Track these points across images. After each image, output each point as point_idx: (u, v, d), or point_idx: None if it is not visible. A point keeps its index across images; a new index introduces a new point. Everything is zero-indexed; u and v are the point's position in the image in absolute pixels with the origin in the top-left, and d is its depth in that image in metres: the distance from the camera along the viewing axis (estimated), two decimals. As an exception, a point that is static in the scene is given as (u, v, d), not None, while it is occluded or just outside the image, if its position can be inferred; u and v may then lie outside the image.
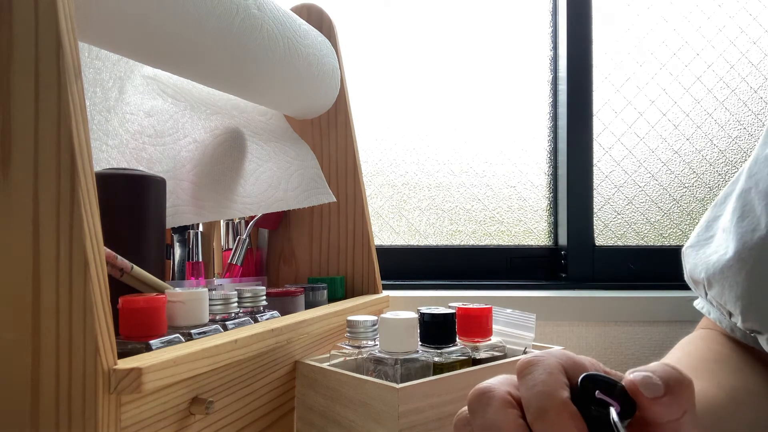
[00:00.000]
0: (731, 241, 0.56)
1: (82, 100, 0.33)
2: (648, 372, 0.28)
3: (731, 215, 0.57)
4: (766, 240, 0.53)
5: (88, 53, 0.54)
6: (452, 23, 1.07)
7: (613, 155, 1.06)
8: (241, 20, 0.53)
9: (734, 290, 0.54)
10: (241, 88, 0.59)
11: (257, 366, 0.47)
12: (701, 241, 0.62)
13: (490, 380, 0.31)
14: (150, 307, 0.39)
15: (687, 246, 0.64)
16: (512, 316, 0.56)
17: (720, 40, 1.06)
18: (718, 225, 0.61)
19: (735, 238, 0.55)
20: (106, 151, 0.55)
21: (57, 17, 0.32)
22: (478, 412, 0.30)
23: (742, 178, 0.58)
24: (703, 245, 0.61)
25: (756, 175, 0.56)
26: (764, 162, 0.56)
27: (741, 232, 0.55)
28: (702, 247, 0.61)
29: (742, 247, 0.54)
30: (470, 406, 0.30)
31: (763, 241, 0.53)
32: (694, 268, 0.61)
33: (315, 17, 0.76)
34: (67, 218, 0.32)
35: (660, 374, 0.28)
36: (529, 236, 1.06)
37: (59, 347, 0.32)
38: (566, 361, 0.30)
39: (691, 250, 0.63)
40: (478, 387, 0.31)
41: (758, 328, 0.54)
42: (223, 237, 0.73)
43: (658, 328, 0.91)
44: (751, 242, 0.54)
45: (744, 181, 0.58)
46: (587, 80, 1.03)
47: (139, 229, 0.48)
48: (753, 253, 0.53)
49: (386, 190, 1.05)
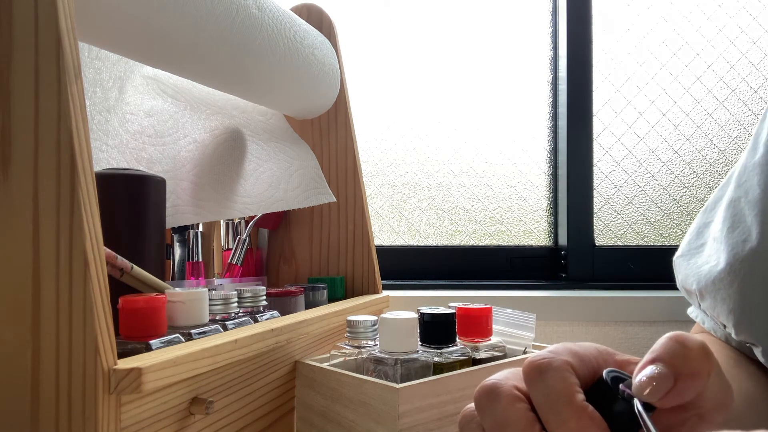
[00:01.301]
0: (722, 252, 0.55)
1: (82, 100, 0.33)
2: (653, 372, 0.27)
3: (721, 225, 0.57)
4: (758, 251, 0.52)
5: (88, 53, 0.54)
6: (452, 23, 1.07)
7: (613, 155, 1.06)
8: (241, 20, 0.53)
9: (726, 303, 0.54)
10: (241, 88, 0.59)
11: (257, 366, 0.47)
12: (692, 250, 0.61)
13: (495, 375, 0.31)
14: (150, 307, 0.39)
15: (678, 255, 0.63)
16: (512, 316, 0.56)
17: (720, 40, 1.06)
18: (709, 233, 0.60)
19: (726, 249, 0.55)
20: (106, 151, 0.55)
21: (57, 17, 0.32)
22: (486, 408, 0.29)
23: (731, 187, 0.58)
24: (694, 254, 0.60)
25: (745, 184, 0.55)
26: (752, 170, 0.55)
27: (732, 243, 0.54)
28: (693, 256, 0.60)
29: (734, 259, 0.53)
30: (478, 402, 0.30)
31: (754, 253, 0.52)
32: (685, 279, 0.60)
33: (315, 17, 0.76)
34: (67, 218, 0.32)
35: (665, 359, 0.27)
36: (529, 236, 1.06)
37: (59, 347, 0.32)
38: (573, 357, 0.29)
39: (682, 260, 0.62)
40: (484, 383, 0.30)
41: (752, 341, 0.53)
42: (223, 237, 0.73)
43: (658, 328, 0.91)
44: (742, 254, 0.53)
45: (733, 189, 0.57)
46: (587, 80, 1.03)
47: (139, 229, 0.48)
48: (744, 265, 0.53)
49: (386, 190, 1.05)
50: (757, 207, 0.53)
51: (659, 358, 0.27)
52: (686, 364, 0.27)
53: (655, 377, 0.27)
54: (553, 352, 0.29)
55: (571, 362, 0.29)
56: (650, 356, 0.28)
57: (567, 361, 0.29)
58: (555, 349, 0.30)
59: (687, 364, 0.27)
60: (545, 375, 0.28)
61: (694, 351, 0.27)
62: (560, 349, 0.30)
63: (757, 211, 0.53)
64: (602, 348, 0.31)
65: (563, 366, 0.28)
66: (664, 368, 0.27)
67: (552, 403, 0.27)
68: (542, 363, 0.29)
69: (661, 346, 0.28)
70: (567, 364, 0.29)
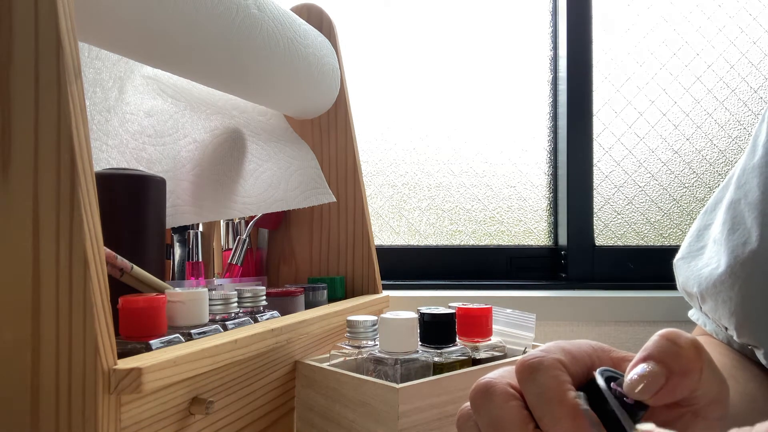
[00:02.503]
0: (723, 255, 0.55)
1: (82, 100, 0.33)
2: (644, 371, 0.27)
3: (721, 227, 0.57)
4: (758, 253, 0.52)
5: (88, 53, 0.54)
6: (452, 23, 1.07)
7: (613, 155, 1.06)
8: (240, 20, 0.53)
9: (728, 305, 0.54)
10: (240, 88, 0.59)
11: (257, 366, 0.47)
12: (692, 252, 0.61)
13: (489, 374, 0.31)
14: (150, 307, 0.39)
15: (678, 258, 0.63)
16: (512, 316, 0.56)
17: (720, 40, 1.06)
18: (709, 235, 0.60)
19: (726, 251, 0.55)
20: (106, 151, 0.55)
21: (57, 17, 0.32)
22: (481, 407, 0.30)
23: (731, 189, 0.58)
24: (694, 256, 0.60)
25: (744, 186, 0.55)
26: (752, 172, 0.55)
27: (732, 246, 0.54)
28: (693, 258, 0.60)
29: (734, 261, 0.53)
30: (473, 401, 0.30)
31: (754, 255, 0.52)
32: (686, 281, 0.60)
33: (315, 17, 0.76)
34: (67, 218, 0.32)
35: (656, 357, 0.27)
36: (529, 236, 1.06)
37: (59, 347, 0.32)
38: (565, 355, 0.29)
39: (682, 262, 0.62)
40: (478, 382, 0.30)
41: (754, 343, 0.53)
42: (223, 237, 0.73)
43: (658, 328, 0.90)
44: (742, 256, 0.53)
45: (733, 191, 0.57)
46: (587, 80, 1.03)
47: (139, 229, 0.48)
48: (745, 268, 0.53)
49: (386, 190, 1.05)
50: (756, 209, 0.53)
51: (651, 356, 0.27)
52: (678, 361, 0.27)
53: (646, 375, 0.27)
54: (545, 350, 0.30)
55: (562, 360, 0.29)
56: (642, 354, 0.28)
57: (558, 359, 0.29)
58: (547, 348, 0.30)
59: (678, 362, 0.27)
60: (536, 374, 0.28)
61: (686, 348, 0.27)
62: (552, 348, 0.30)
63: (756, 213, 0.53)
64: (597, 345, 0.31)
65: (554, 364, 0.29)
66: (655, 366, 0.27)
67: (544, 402, 0.28)
68: (533, 362, 0.29)
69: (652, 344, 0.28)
70: (558, 362, 0.29)
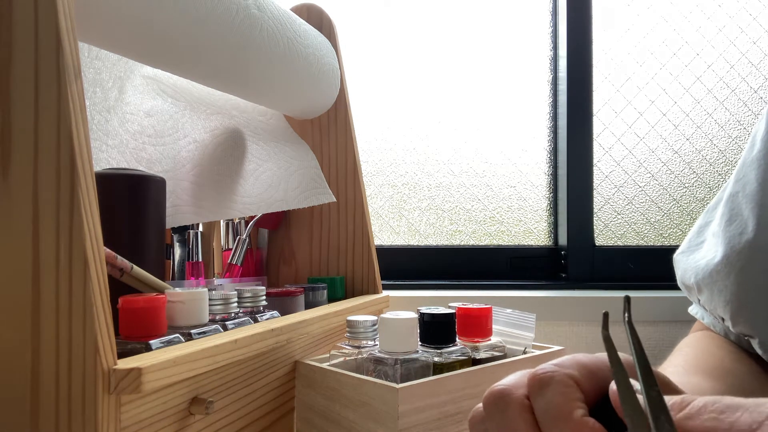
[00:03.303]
0: (720, 246, 0.56)
1: (82, 100, 0.33)
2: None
3: (720, 219, 0.57)
4: (754, 243, 0.53)
5: (88, 53, 0.54)
6: (452, 23, 1.07)
7: (613, 155, 1.06)
8: (240, 20, 0.53)
9: (723, 294, 0.54)
10: (240, 88, 0.59)
11: (257, 366, 0.47)
12: (692, 247, 0.62)
13: (506, 380, 0.30)
14: (150, 307, 0.39)
15: (678, 252, 0.64)
16: (512, 316, 0.56)
17: (720, 40, 1.06)
18: (709, 230, 0.61)
19: (723, 242, 0.55)
20: (106, 151, 0.55)
21: (57, 17, 0.32)
22: (494, 415, 0.29)
23: (731, 182, 0.58)
24: (693, 251, 0.61)
25: (743, 179, 0.56)
26: (750, 165, 0.56)
27: (729, 236, 0.55)
28: (692, 252, 0.61)
29: (730, 251, 0.54)
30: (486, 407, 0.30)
31: (750, 245, 0.53)
32: (684, 274, 0.61)
33: (315, 17, 0.76)
34: (67, 218, 0.32)
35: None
36: (529, 236, 1.06)
37: (59, 347, 0.32)
38: (579, 370, 0.28)
39: (682, 256, 0.63)
40: (494, 388, 0.30)
41: (749, 332, 0.54)
42: (223, 237, 0.73)
43: (658, 328, 0.91)
44: (738, 246, 0.54)
45: (732, 184, 0.58)
46: (587, 80, 1.03)
47: (139, 229, 0.48)
48: (741, 257, 0.53)
49: (386, 190, 1.05)
50: (753, 200, 0.54)
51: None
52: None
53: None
54: (559, 365, 0.29)
55: (574, 376, 0.28)
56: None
57: (570, 374, 0.28)
58: (561, 362, 0.29)
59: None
60: (545, 389, 0.28)
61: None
62: (566, 362, 0.29)
63: (753, 204, 0.54)
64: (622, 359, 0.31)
65: (564, 380, 0.28)
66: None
67: (549, 419, 0.27)
68: (544, 377, 0.28)
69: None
70: (569, 378, 0.28)
